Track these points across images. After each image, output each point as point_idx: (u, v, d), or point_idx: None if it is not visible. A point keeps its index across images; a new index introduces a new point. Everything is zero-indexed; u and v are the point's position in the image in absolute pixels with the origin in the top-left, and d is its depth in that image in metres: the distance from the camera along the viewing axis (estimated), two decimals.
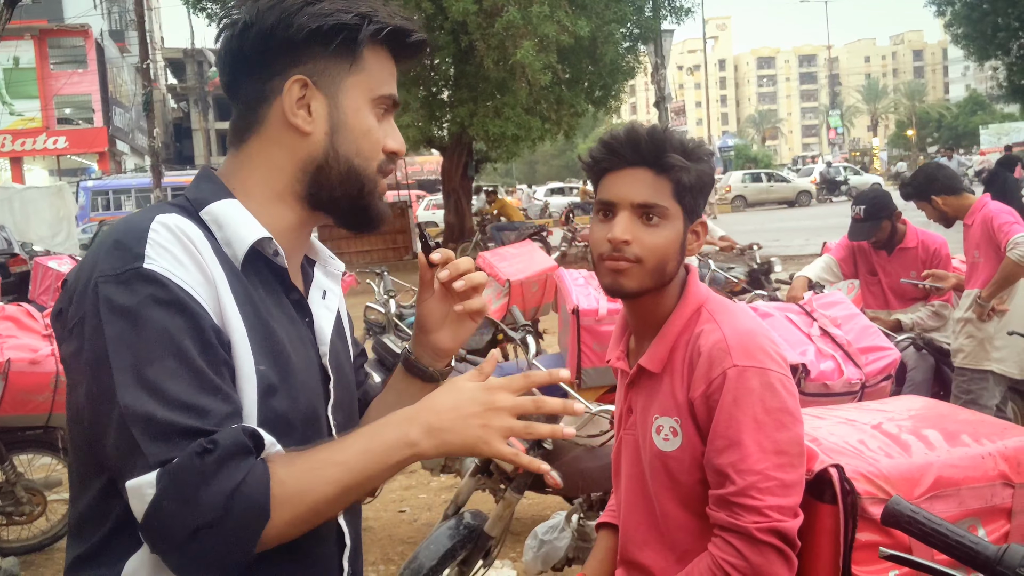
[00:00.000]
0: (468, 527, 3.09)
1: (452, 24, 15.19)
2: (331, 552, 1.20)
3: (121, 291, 1.01)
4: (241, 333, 1.08)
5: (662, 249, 1.61)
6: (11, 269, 13.01)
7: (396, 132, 1.24)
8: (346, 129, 1.18)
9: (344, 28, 1.15)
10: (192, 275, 1.05)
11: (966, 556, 1.17)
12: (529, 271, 6.16)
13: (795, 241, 19.01)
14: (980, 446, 1.68)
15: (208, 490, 0.97)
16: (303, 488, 1.02)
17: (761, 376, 1.54)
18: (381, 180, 1.23)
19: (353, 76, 1.18)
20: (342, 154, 1.18)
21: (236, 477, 0.98)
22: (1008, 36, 25.11)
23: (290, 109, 1.15)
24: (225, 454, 0.98)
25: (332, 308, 1.27)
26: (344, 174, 1.18)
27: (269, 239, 1.15)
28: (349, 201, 1.20)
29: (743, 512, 1.50)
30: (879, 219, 4.52)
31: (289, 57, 1.15)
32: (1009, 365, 4.31)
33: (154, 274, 1.02)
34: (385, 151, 1.22)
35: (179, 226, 1.07)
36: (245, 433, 1.01)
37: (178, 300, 1.02)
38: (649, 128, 1.64)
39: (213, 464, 0.97)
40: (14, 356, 4.06)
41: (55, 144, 33.06)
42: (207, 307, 1.05)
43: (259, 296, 1.13)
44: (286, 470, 1.02)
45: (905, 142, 70.04)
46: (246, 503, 0.98)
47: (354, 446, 1.06)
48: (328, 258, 1.31)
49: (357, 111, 1.18)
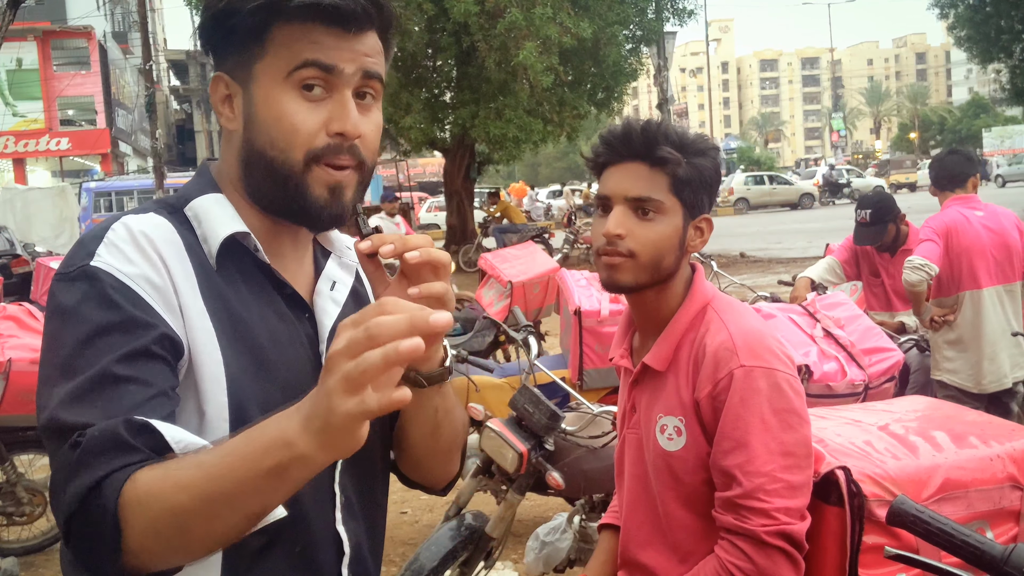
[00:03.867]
0: (469, 528, 3.08)
1: (454, 25, 15.20)
2: (328, 559, 1.14)
3: (64, 288, 1.01)
4: (208, 332, 1.04)
5: (656, 243, 1.60)
6: (13, 270, 13.02)
7: (344, 110, 1.06)
8: (256, 120, 1.08)
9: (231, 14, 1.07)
10: (141, 270, 1.01)
11: (972, 556, 1.16)
12: (531, 272, 6.16)
13: (798, 243, 19.01)
14: (988, 448, 1.67)
15: (70, 485, 0.90)
16: (153, 492, 0.87)
17: (768, 377, 1.53)
18: (320, 171, 1.07)
19: (261, 61, 1.07)
20: (257, 148, 1.08)
21: (94, 475, 0.89)
22: (1011, 39, 25.09)
23: (215, 107, 1.12)
24: (90, 448, 0.90)
25: (339, 300, 1.20)
26: (264, 170, 1.08)
27: (246, 233, 1.10)
28: (279, 198, 1.09)
29: (750, 515, 1.49)
30: (885, 223, 4.52)
31: (217, 54, 1.12)
32: (963, 377, 4.22)
33: (96, 270, 1.00)
34: (328, 133, 1.06)
35: (139, 226, 1.04)
36: (128, 427, 0.91)
37: (110, 296, 0.99)
38: (644, 122, 1.63)
39: (76, 459, 0.90)
40: (15, 356, 4.06)
41: (58, 145, 33.10)
42: (154, 303, 1.01)
43: (237, 293, 1.09)
44: (149, 472, 0.88)
45: (908, 145, 70.06)
46: (97, 503, 0.88)
47: (227, 446, 0.88)
48: (344, 249, 1.24)
49: (266, 98, 1.07)
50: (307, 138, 1.06)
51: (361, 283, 1.27)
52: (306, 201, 1.08)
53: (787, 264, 15.04)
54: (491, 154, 18.67)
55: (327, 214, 1.09)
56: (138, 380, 0.97)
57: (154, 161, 21.31)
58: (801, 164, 64.66)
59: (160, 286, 1.03)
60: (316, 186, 1.08)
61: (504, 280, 6.01)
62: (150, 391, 0.97)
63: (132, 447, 0.91)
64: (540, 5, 14.28)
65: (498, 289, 6.14)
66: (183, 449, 0.92)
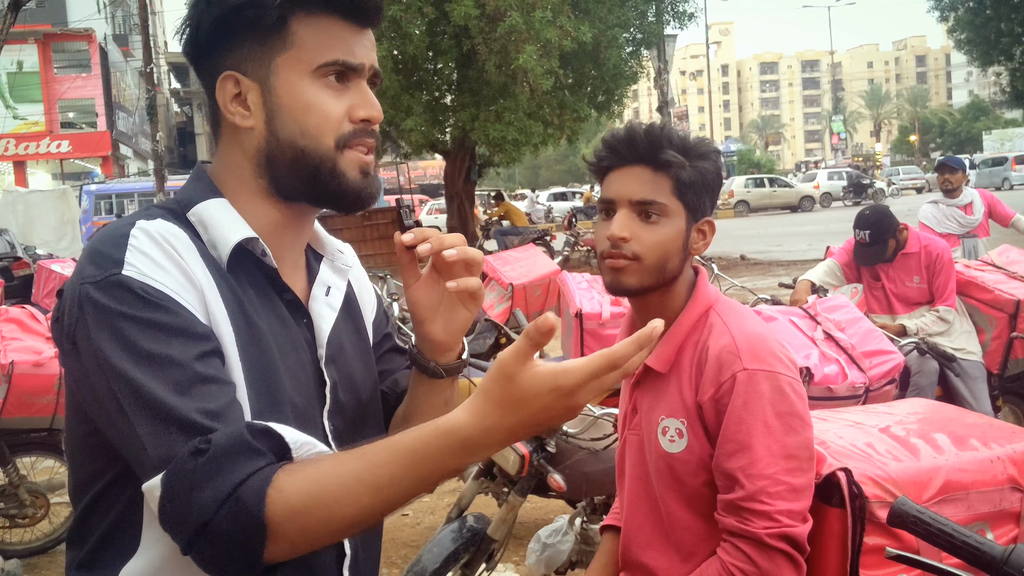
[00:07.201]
0: (471, 530, 3.08)
1: (454, 28, 15.21)
2: (328, 562, 1.15)
3: (104, 297, 0.99)
4: (229, 338, 1.04)
5: (661, 246, 1.61)
6: (15, 272, 13.01)
7: (366, 98, 1.12)
8: (283, 112, 1.09)
9: (251, 6, 1.07)
10: (174, 279, 1.02)
11: (972, 556, 1.16)
12: (532, 275, 6.18)
13: (798, 246, 19.00)
14: (989, 450, 1.67)
15: (201, 493, 0.91)
16: (314, 497, 0.93)
17: (771, 380, 1.53)
18: (351, 154, 1.11)
19: (284, 54, 1.09)
20: (284, 139, 1.10)
21: (232, 480, 0.92)
22: (1011, 41, 25.11)
23: (224, 108, 1.11)
24: (219, 454, 0.92)
25: (335, 305, 1.21)
26: (293, 159, 1.10)
27: (255, 239, 1.11)
28: (310, 185, 1.11)
29: (753, 517, 1.49)
30: (885, 241, 4.53)
31: (218, 53, 1.11)
32: None
33: (132, 280, 1.00)
34: (352, 120, 1.11)
35: (160, 231, 1.04)
36: (251, 431, 0.96)
37: (158, 303, 0.99)
38: (647, 126, 1.64)
39: (205, 465, 0.92)
40: (18, 358, 4.07)
41: (58, 148, 33.11)
42: (193, 310, 1.02)
43: (248, 298, 1.09)
44: (293, 477, 0.93)
45: (908, 147, 70.04)
46: (239, 509, 0.91)
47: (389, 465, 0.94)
48: (336, 252, 1.25)
49: (292, 89, 1.09)
50: (336, 124, 1.10)
51: (351, 288, 1.28)
52: (342, 184, 1.11)
53: (787, 267, 15.04)
54: (492, 157, 18.68)
55: (365, 194, 1.13)
56: (219, 380, 0.99)
57: (155, 164, 21.31)
58: (801, 167, 64.61)
59: (193, 291, 1.03)
60: (350, 169, 1.11)
61: (505, 282, 6.03)
62: (231, 390, 1.00)
63: (259, 451, 0.94)
64: (540, 8, 14.29)
65: (499, 291, 6.15)
66: (301, 449, 0.97)
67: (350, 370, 1.21)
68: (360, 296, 1.30)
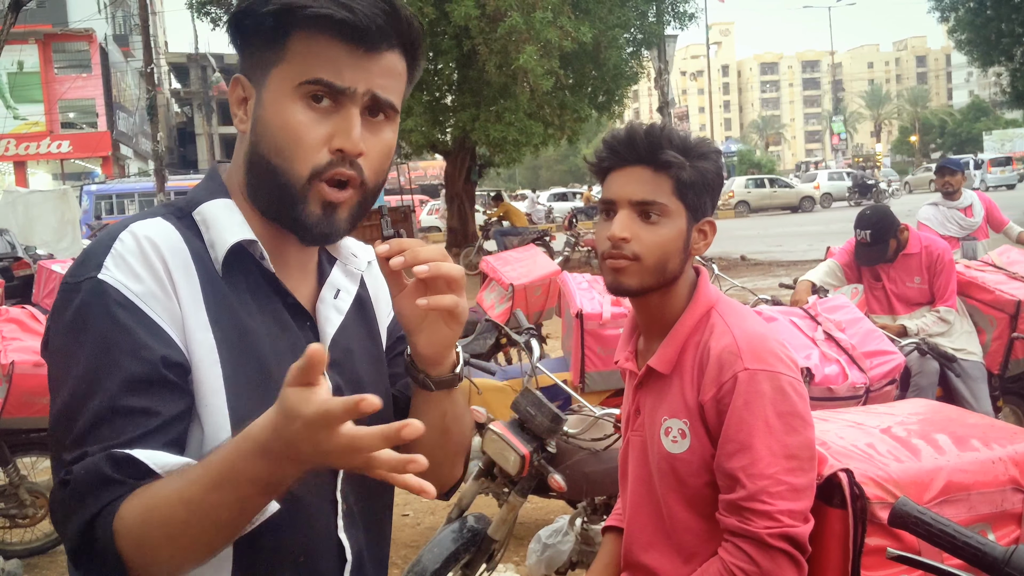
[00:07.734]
0: (472, 531, 3.08)
1: (455, 29, 15.22)
2: (330, 567, 1.13)
3: (71, 299, 1.01)
4: (209, 345, 1.03)
5: (661, 247, 1.61)
6: (15, 273, 13.00)
7: (347, 126, 1.05)
8: (264, 124, 1.06)
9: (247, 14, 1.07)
10: (147, 287, 1.01)
11: (973, 557, 1.16)
12: (532, 275, 6.17)
13: (798, 246, 19.01)
14: (990, 451, 1.67)
15: (69, 523, 0.95)
16: (139, 519, 0.92)
17: (772, 380, 1.53)
18: (319, 186, 1.05)
19: (278, 66, 1.06)
20: (262, 153, 1.07)
21: (86, 514, 0.93)
22: (1012, 42, 25.10)
23: (232, 109, 1.11)
24: (76, 487, 0.94)
25: (342, 308, 1.18)
26: (265, 174, 1.07)
27: (253, 241, 1.09)
28: (275, 207, 1.08)
29: (754, 517, 1.49)
30: (886, 241, 4.53)
31: (241, 56, 1.11)
32: None
33: (103, 285, 1.00)
34: (329, 150, 1.05)
35: (148, 235, 1.04)
36: (111, 461, 0.94)
37: (116, 315, 0.99)
38: (647, 126, 1.64)
39: (69, 496, 0.95)
40: (18, 358, 4.06)
41: (59, 148, 33.13)
42: (161, 321, 1.01)
43: (241, 302, 1.08)
44: (131, 502, 0.93)
45: (908, 148, 70.08)
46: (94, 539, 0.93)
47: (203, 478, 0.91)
48: (350, 255, 1.22)
49: (275, 103, 1.05)
50: (310, 152, 1.05)
51: (366, 290, 1.26)
52: (299, 213, 1.06)
53: (788, 267, 15.04)
54: (492, 157, 18.69)
55: (317, 231, 1.08)
56: (143, 411, 0.98)
57: (155, 164, 21.34)
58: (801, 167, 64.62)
59: (165, 301, 1.03)
60: (312, 201, 1.06)
61: (505, 283, 6.03)
62: (154, 420, 0.98)
63: (116, 481, 0.94)
64: (540, 9, 14.30)
65: (499, 292, 6.15)
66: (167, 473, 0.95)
67: (357, 373, 1.18)
68: (376, 299, 1.27)
